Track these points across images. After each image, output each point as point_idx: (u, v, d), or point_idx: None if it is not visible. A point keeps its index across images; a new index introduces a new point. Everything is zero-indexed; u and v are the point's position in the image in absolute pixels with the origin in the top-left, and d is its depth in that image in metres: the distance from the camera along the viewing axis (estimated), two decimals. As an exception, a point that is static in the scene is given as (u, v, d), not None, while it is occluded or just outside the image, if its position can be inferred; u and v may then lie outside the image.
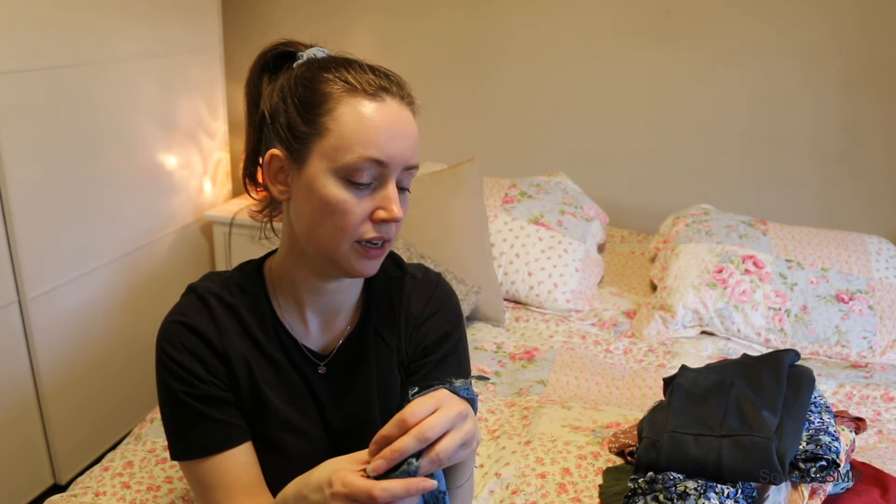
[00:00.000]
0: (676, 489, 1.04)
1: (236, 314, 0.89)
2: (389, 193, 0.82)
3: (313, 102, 0.82)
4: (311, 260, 0.88)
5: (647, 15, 2.43)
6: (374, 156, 0.80)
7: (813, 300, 1.92)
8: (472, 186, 2.11)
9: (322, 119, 0.81)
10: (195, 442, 0.85)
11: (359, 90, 0.81)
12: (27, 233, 1.81)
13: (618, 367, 1.80)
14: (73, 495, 1.21)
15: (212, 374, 0.85)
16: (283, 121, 0.83)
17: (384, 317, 0.96)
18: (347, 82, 0.82)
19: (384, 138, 0.80)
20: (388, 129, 0.81)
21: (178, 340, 0.85)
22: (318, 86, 0.82)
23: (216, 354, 0.86)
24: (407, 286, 0.97)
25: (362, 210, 0.81)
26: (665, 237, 2.28)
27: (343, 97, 0.81)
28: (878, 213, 2.40)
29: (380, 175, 0.81)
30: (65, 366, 2.02)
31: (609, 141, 2.59)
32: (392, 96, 0.83)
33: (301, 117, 0.82)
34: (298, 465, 0.88)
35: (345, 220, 0.81)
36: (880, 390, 1.68)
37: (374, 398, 0.93)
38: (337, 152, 0.80)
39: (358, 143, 0.79)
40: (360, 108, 0.80)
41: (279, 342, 0.91)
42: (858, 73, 2.30)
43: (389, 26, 2.69)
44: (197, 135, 2.49)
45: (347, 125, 0.80)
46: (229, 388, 0.87)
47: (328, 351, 0.94)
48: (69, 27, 1.88)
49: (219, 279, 0.92)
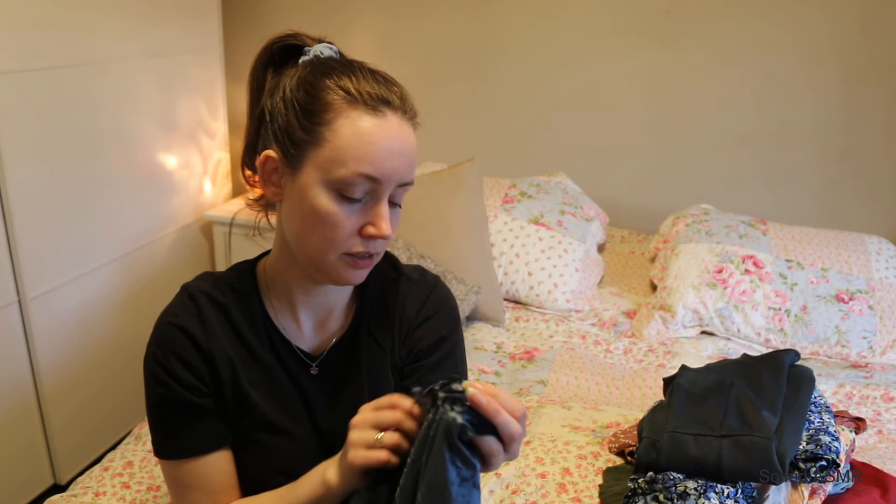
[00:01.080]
0: (676, 489, 1.04)
1: (226, 313, 0.88)
2: (381, 210, 0.81)
3: (313, 110, 0.80)
4: (300, 263, 0.87)
5: (647, 15, 2.43)
6: (368, 172, 0.78)
7: (813, 300, 1.91)
8: (472, 186, 2.11)
9: (320, 128, 0.80)
10: (175, 444, 0.86)
11: (359, 102, 0.80)
12: (27, 233, 1.81)
13: (618, 367, 1.80)
14: (73, 495, 1.21)
15: (195, 378, 0.85)
16: (282, 123, 0.82)
17: (378, 318, 0.96)
18: (349, 92, 0.80)
19: (381, 155, 0.79)
20: (386, 145, 0.79)
21: (165, 344, 0.85)
22: (319, 93, 0.81)
23: (201, 355, 0.86)
24: (402, 288, 0.96)
25: (351, 224, 0.81)
26: (665, 237, 2.28)
27: (343, 108, 0.79)
28: (878, 213, 2.40)
29: (373, 191, 0.80)
30: (65, 366, 2.02)
31: (609, 141, 2.59)
32: (394, 111, 0.81)
33: (299, 123, 0.81)
34: (283, 467, 0.88)
35: (333, 233, 0.80)
36: (880, 390, 1.68)
37: (365, 400, 0.92)
38: (332, 164, 0.79)
39: (353, 158, 0.78)
40: (359, 123, 0.79)
41: (270, 342, 0.90)
42: (859, 72, 2.30)
43: (389, 26, 2.69)
44: (197, 135, 2.49)
45: (344, 138, 0.79)
46: (212, 392, 0.87)
47: (320, 352, 0.93)
48: (69, 27, 1.88)
49: (211, 279, 0.91)
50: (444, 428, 0.67)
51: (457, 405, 0.68)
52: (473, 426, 0.68)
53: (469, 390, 0.68)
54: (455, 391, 0.69)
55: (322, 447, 0.91)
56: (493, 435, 0.69)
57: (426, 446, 0.68)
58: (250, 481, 0.89)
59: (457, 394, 0.68)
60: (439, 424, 0.68)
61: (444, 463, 0.67)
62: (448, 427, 0.67)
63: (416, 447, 0.70)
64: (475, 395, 0.67)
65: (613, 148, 2.60)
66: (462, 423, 0.67)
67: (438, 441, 0.67)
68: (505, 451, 0.70)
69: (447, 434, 0.67)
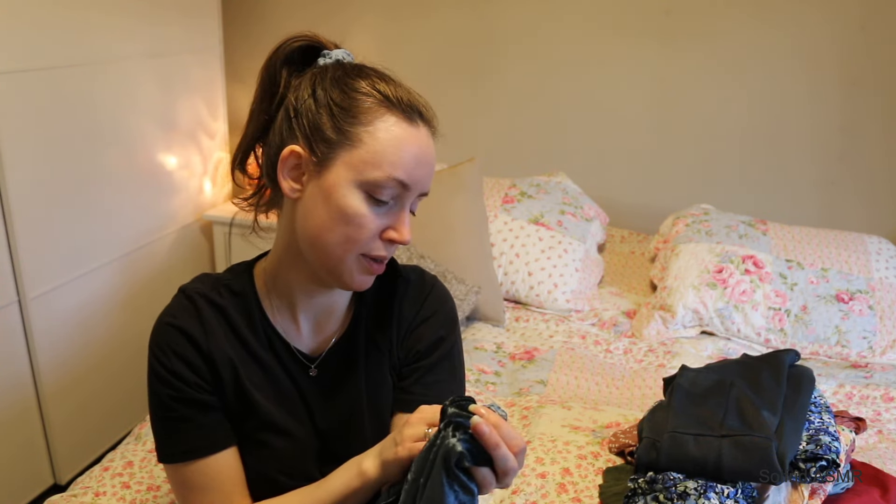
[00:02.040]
0: (676, 489, 1.04)
1: (224, 315, 0.88)
2: (403, 216, 0.83)
3: (349, 110, 0.81)
4: (306, 264, 0.87)
5: (647, 15, 2.43)
6: (401, 178, 0.80)
7: (813, 300, 1.91)
8: (472, 186, 2.11)
9: (356, 129, 0.80)
10: (180, 446, 0.85)
11: (397, 108, 0.81)
12: (27, 233, 1.81)
13: (618, 367, 1.80)
14: (73, 495, 1.21)
15: (198, 376, 0.85)
16: (312, 120, 0.82)
17: (376, 319, 0.96)
18: (387, 97, 0.81)
19: (413, 163, 0.81)
20: (418, 154, 0.82)
21: (165, 344, 0.85)
22: (354, 94, 0.81)
23: (202, 355, 0.85)
24: (400, 289, 0.96)
25: (376, 226, 0.82)
26: (665, 237, 2.28)
27: (381, 112, 0.81)
28: (878, 213, 2.40)
29: (399, 196, 0.82)
30: (65, 366, 2.02)
31: (609, 141, 2.59)
32: (425, 122, 0.84)
33: (333, 122, 0.81)
34: (285, 467, 0.88)
35: (358, 233, 0.81)
36: (880, 390, 1.68)
37: (363, 401, 0.93)
38: (366, 166, 0.80)
39: (389, 162, 0.80)
40: (397, 129, 0.81)
41: (269, 343, 0.90)
42: (858, 72, 2.30)
43: (389, 26, 2.69)
44: (197, 135, 2.49)
45: (382, 142, 0.80)
46: (214, 391, 0.86)
47: (319, 353, 0.93)
48: (69, 27, 1.88)
49: (209, 280, 0.91)
50: (443, 453, 0.68)
51: (459, 431, 0.69)
52: (472, 455, 0.68)
53: (474, 419, 0.68)
54: (462, 414, 0.69)
55: (321, 447, 0.91)
56: (489, 466, 0.69)
57: (425, 468, 0.69)
58: (251, 482, 0.89)
59: (463, 417, 0.69)
60: (440, 449, 0.69)
61: (442, 487, 0.68)
62: (447, 453, 0.68)
63: (416, 467, 0.71)
64: (479, 425, 0.68)
65: (613, 148, 2.60)
66: (461, 451, 0.68)
67: (437, 466, 0.68)
68: (498, 482, 0.70)
69: (445, 460, 0.68)
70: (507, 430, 0.69)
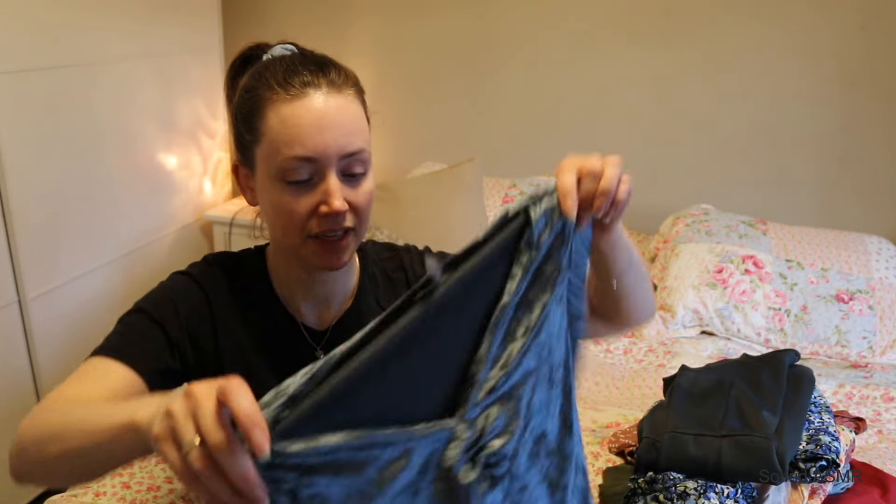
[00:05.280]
0: (676, 489, 1.04)
1: (237, 287, 0.92)
2: (329, 187, 0.82)
3: (250, 110, 0.84)
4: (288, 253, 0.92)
5: (647, 15, 2.43)
6: (300, 154, 0.80)
7: (813, 300, 1.91)
8: (472, 186, 2.11)
9: (257, 125, 0.83)
10: (124, 347, 0.85)
11: (280, 91, 0.82)
12: (27, 233, 1.81)
13: (618, 367, 1.80)
14: (73, 495, 1.21)
15: (186, 322, 0.88)
16: (236, 132, 0.87)
17: (386, 288, 0.99)
18: (270, 86, 0.83)
19: (309, 134, 0.80)
20: (314, 123, 0.81)
21: (180, 284, 0.91)
22: (253, 93, 0.84)
23: (209, 308, 0.90)
24: (405, 259, 1.01)
25: (304, 207, 0.82)
26: (665, 237, 2.28)
27: (269, 100, 0.82)
28: (878, 214, 2.39)
29: (316, 170, 0.82)
30: (65, 366, 2.01)
31: (609, 141, 2.59)
32: (316, 88, 0.82)
33: (245, 127, 0.85)
34: None
35: (290, 220, 0.83)
36: (880, 390, 1.68)
37: None
38: (270, 156, 0.82)
39: (283, 144, 0.81)
40: (282, 110, 0.81)
41: (275, 319, 0.94)
42: (858, 72, 2.30)
43: (389, 27, 2.69)
44: (197, 135, 2.49)
45: (273, 128, 0.82)
46: (189, 340, 0.88)
47: (327, 328, 0.96)
48: (69, 27, 1.88)
49: (226, 256, 0.96)
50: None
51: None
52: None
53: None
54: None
55: None
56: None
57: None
58: None
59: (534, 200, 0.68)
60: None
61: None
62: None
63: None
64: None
65: (613, 148, 2.55)
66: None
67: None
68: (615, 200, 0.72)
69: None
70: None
